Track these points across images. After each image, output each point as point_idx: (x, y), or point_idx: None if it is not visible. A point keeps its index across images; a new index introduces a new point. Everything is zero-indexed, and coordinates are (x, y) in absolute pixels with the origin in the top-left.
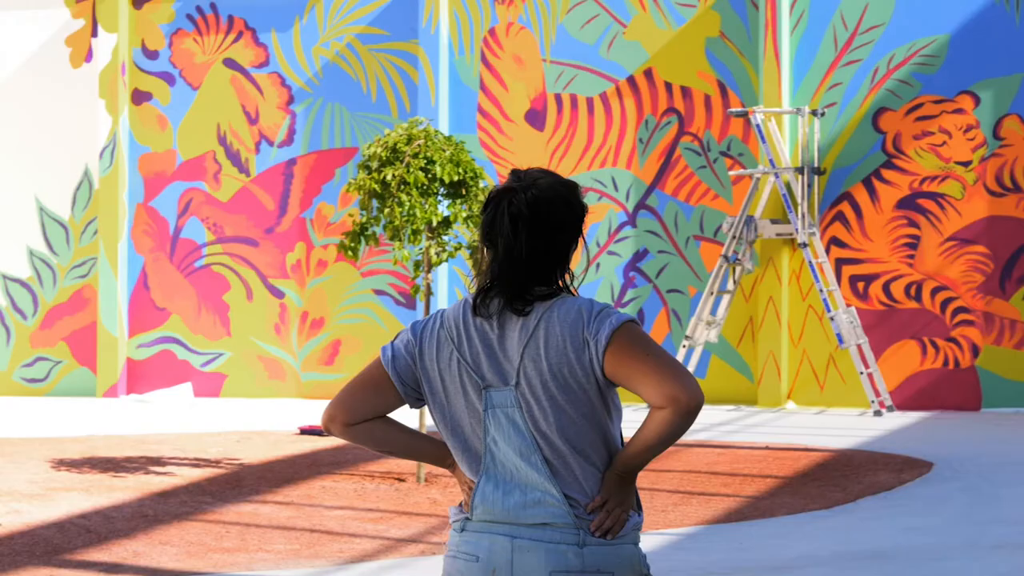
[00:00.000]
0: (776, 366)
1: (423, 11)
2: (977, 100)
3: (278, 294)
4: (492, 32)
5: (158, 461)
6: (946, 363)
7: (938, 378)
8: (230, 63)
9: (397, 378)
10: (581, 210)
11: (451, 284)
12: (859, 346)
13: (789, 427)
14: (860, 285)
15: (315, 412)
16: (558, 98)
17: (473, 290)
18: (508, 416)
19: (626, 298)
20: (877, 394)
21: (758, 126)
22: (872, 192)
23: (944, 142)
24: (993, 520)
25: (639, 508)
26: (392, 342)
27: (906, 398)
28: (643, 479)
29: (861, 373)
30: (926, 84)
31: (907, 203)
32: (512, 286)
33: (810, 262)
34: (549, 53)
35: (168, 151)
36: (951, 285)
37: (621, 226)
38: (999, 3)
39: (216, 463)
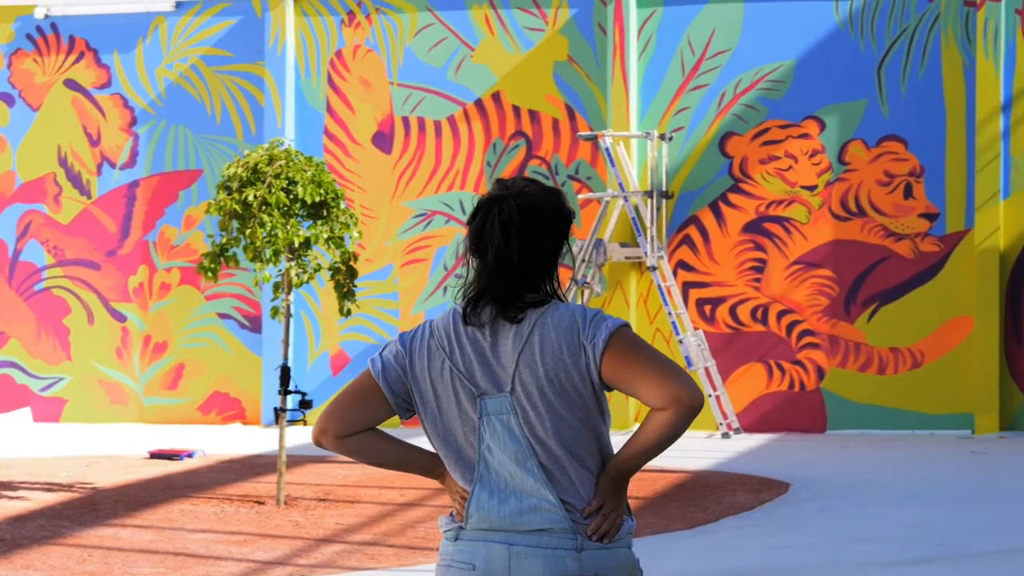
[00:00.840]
0: None
1: (269, 33)
2: (822, 125)
3: (120, 318)
4: (339, 54)
5: (8, 486)
6: (792, 385)
7: (784, 400)
8: (71, 84)
9: (388, 389)
10: (569, 216)
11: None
12: (707, 369)
13: None
14: (707, 308)
15: (159, 437)
16: (405, 121)
17: (459, 300)
18: (503, 423)
19: None
20: (725, 416)
21: (607, 150)
22: (719, 216)
23: (790, 166)
24: (854, 539)
25: (630, 513)
26: (380, 353)
27: (753, 420)
28: None
29: (709, 395)
30: (772, 109)
31: (753, 227)
32: (504, 294)
33: (659, 285)
34: (396, 76)
35: (7, 172)
36: (797, 308)
37: None
38: (844, 29)
39: (69, 487)
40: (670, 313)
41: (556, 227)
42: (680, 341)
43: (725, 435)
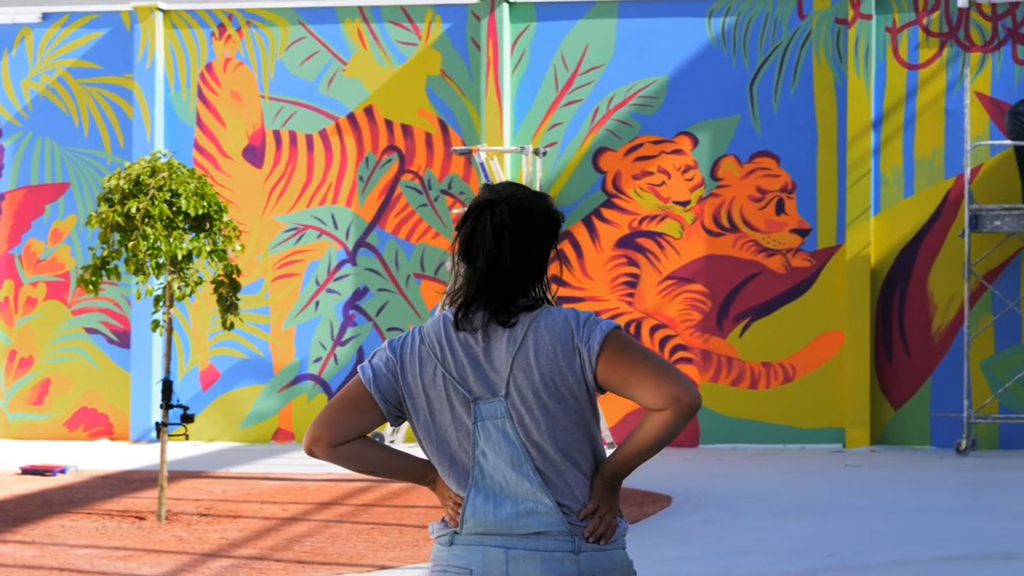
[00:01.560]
0: None
1: (138, 45)
2: (695, 141)
3: None
4: (209, 67)
5: None
6: None
7: None
8: None
9: (380, 397)
10: (559, 219)
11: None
12: None
13: None
14: None
15: (26, 453)
16: (277, 135)
17: (448, 306)
18: (498, 427)
19: (346, 336)
20: (599, 432)
21: (481, 164)
22: (592, 231)
23: (663, 182)
24: (743, 551)
25: (620, 515)
26: (370, 361)
27: (626, 435)
28: (391, 515)
29: None
30: (645, 125)
31: (627, 242)
32: (496, 298)
33: None
34: (268, 89)
35: None
36: (670, 323)
37: (341, 264)
38: (716, 46)
39: None
40: None
41: (547, 230)
42: None
43: None
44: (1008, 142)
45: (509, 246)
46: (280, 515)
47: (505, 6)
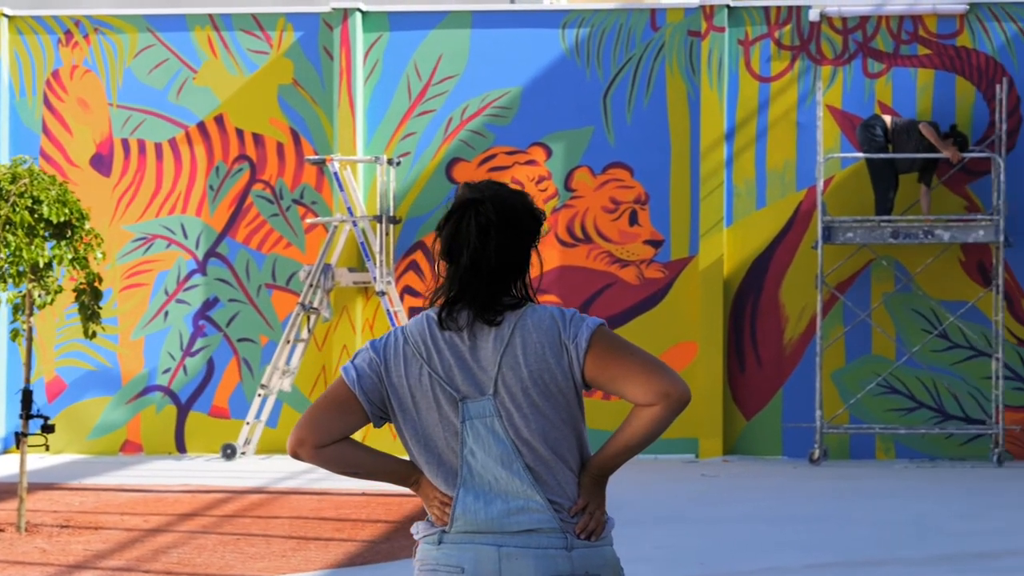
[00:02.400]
0: None
1: None
2: (549, 152)
3: None
4: (56, 74)
5: None
6: None
7: None
8: None
9: (364, 397)
10: (542, 217)
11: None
12: None
13: None
14: None
15: None
16: (125, 143)
17: (431, 306)
18: (487, 426)
19: (195, 347)
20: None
21: (335, 174)
22: None
23: None
24: (635, 559)
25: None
26: (352, 362)
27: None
28: (256, 526)
29: None
30: (499, 135)
31: None
32: (481, 296)
33: (388, 311)
34: (116, 97)
35: None
36: None
37: (191, 274)
38: (570, 57)
39: None
40: None
41: (530, 228)
42: None
43: None
44: (860, 155)
45: (495, 244)
46: (142, 526)
47: (358, 15)
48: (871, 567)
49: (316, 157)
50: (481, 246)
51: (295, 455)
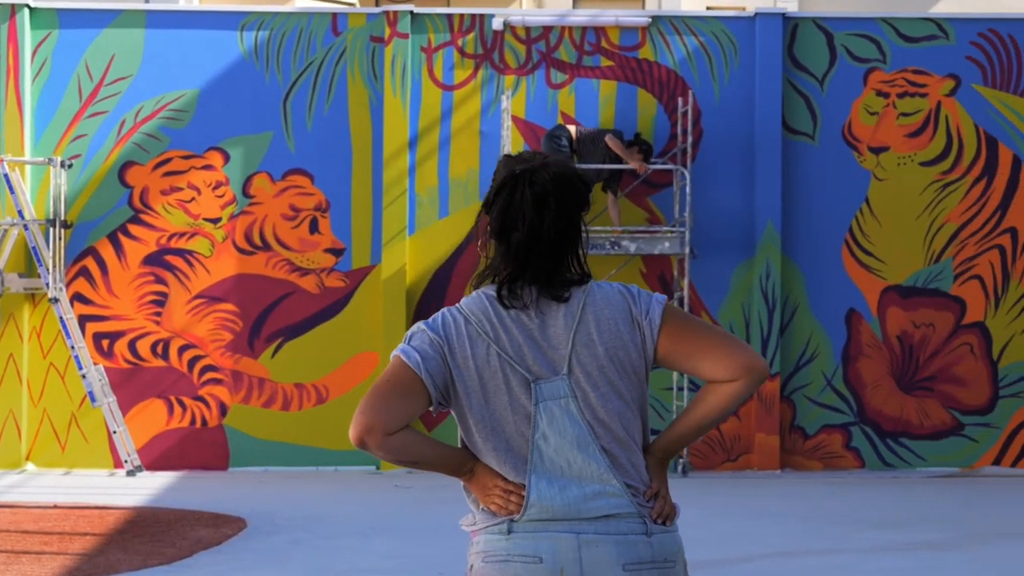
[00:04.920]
0: (16, 426)
1: None
2: (227, 157)
3: None
4: None
5: None
6: (193, 422)
7: (185, 437)
8: None
9: (430, 380)
10: (590, 187)
11: None
12: (108, 405)
13: (48, 488)
14: (105, 342)
15: None
16: None
17: (483, 285)
18: (562, 407)
19: None
20: (128, 453)
21: (5, 175)
22: (118, 247)
23: (193, 198)
24: (350, 570)
25: None
26: (409, 344)
27: (154, 457)
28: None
29: (115, 432)
30: (174, 139)
31: (155, 259)
32: (543, 271)
33: (61, 318)
34: None
35: None
36: (199, 343)
37: None
38: (249, 60)
39: None
40: (72, 347)
41: (584, 199)
42: (83, 376)
43: (131, 472)
44: None
45: (553, 215)
46: None
47: (26, 11)
48: None
49: None
50: (538, 217)
51: (362, 444)
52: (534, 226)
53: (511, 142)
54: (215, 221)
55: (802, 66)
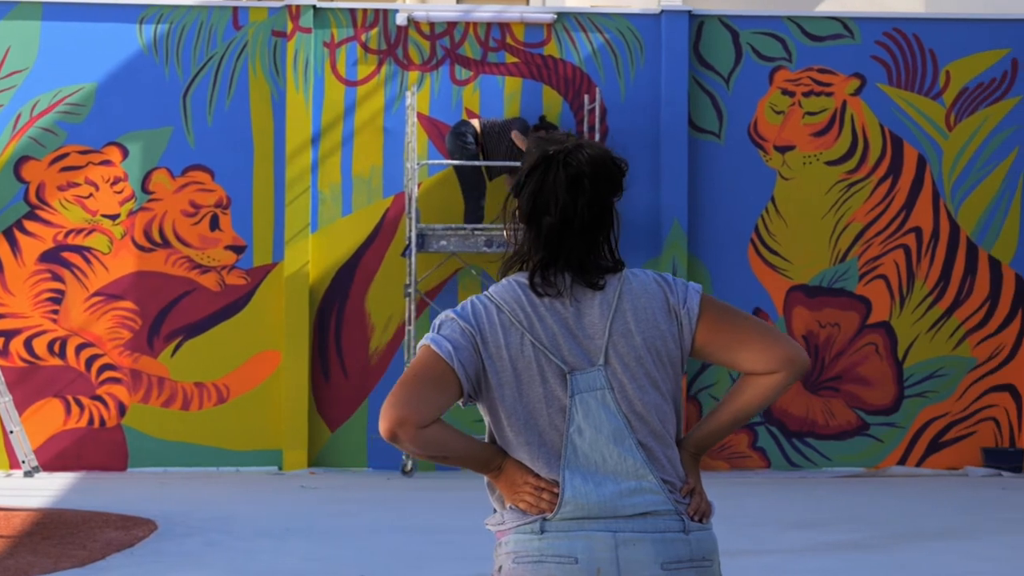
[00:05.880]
0: None
1: None
2: (125, 152)
3: None
4: None
5: None
6: (91, 422)
7: (83, 437)
8: None
9: (462, 371)
10: (625, 167)
11: None
12: (4, 404)
13: None
14: (0, 341)
15: None
16: None
17: (512, 271)
18: (599, 399)
19: None
20: (25, 454)
21: None
22: (14, 244)
23: (91, 194)
24: (268, 571)
25: None
26: (439, 333)
27: (50, 458)
28: None
29: (11, 432)
30: (72, 134)
31: (51, 256)
32: (577, 257)
33: None
34: None
35: None
36: (97, 342)
37: None
38: (148, 54)
39: None
40: None
41: (620, 183)
42: None
43: (28, 473)
44: (450, 162)
45: (587, 198)
46: None
47: None
48: None
49: None
50: (572, 200)
51: (393, 437)
52: (567, 209)
53: (416, 139)
54: (113, 217)
55: (708, 64)
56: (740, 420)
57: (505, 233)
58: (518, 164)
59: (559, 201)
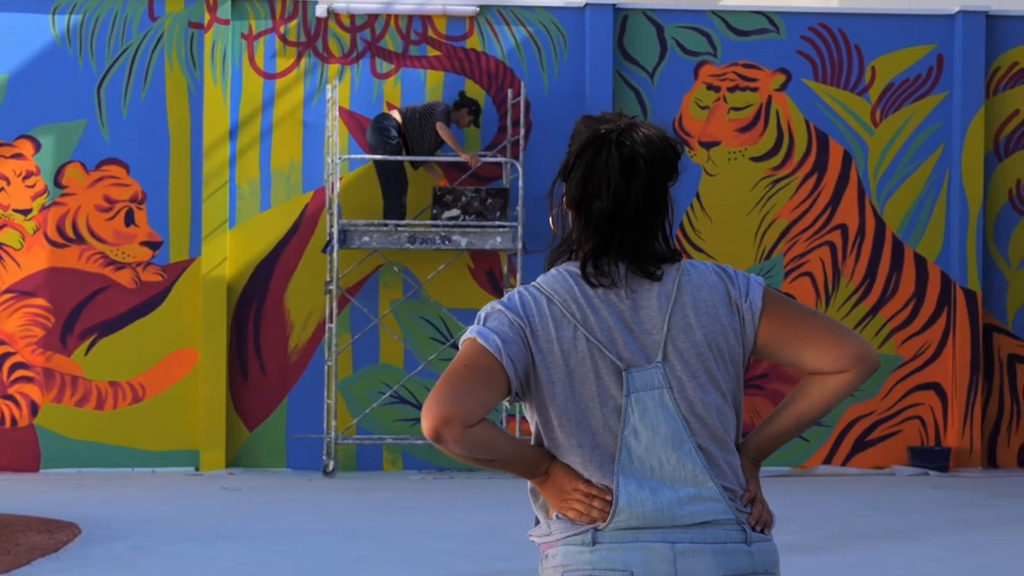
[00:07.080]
0: None
1: None
2: (38, 145)
3: None
4: None
5: None
6: (3, 422)
7: None
8: None
9: (511, 366)
10: (681, 150)
11: None
12: None
13: None
14: None
15: None
16: None
17: (560, 260)
18: (656, 399)
19: None
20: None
21: None
22: None
23: (2, 189)
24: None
25: None
26: (485, 326)
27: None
28: None
29: None
30: None
31: None
32: (632, 245)
33: None
34: None
35: None
36: (9, 340)
37: None
38: (61, 45)
39: None
40: None
41: (675, 165)
42: None
43: None
44: (373, 156)
45: (642, 181)
46: None
47: None
48: None
49: None
50: (625, 184)
51: (437, 436)
52: (620, 193)
53: (337, 133)
54: (25, 212)
55: (632, 59)
56: (804, 424)
57: (551, 220)
58: (440, 159)
59: (612, 184)
